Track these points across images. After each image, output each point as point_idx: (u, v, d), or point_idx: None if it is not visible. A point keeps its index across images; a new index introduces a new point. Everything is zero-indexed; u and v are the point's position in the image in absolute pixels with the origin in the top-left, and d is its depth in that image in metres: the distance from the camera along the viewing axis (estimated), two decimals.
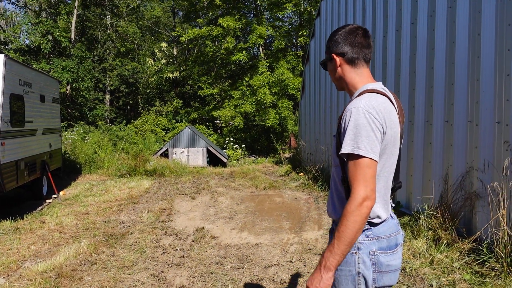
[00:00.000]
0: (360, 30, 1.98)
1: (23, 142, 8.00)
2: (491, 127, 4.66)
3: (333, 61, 2.01)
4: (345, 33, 1.98)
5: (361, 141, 1.73)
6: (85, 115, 21.83)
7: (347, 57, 1.98)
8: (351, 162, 1.75)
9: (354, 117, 1.77)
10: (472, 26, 5.03)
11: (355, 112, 1.78)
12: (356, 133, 1.75)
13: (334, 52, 2.00)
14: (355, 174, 1.73)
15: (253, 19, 22.97)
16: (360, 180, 1.71)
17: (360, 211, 1.69)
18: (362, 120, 1.76)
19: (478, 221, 4.87)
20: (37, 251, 5.56)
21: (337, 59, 1.99)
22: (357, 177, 1.72)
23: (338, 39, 1.99)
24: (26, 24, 20.59)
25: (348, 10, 9.13)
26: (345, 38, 1.98)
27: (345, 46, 1.98)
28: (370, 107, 1.79)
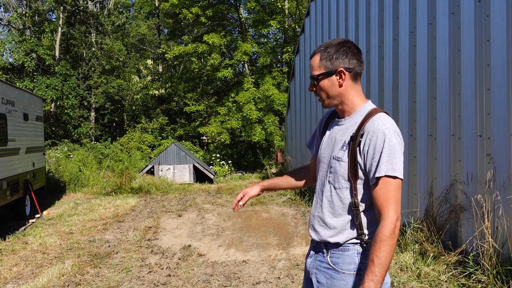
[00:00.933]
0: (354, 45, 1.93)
1: (5, 161, 7.86)
2: (474, 140, 4.74)
3: (337, 76, 1.87)
4: (350, 46, 1.89)
5: (395, 162, 1.72)
6: (70, 133, 21.61)
7: (354, 72, 1.88)
8: (381, 184, 1.72)
9: (388, 138, 1.73)
10: (452, 42, 5.14)
11: (388, 133, 1.74)
12: (390, 154, 1.72)
13: (342, 66, 1.86)
14: (388, 196, 1.71)
15: (238, 36, 23.18)
16: (393, 202, 1.71)
17: (395, 234, 1.68)
18: (394, 141, 1.74)
19: (463, 233, 4.91)
20: (19, 273, 5.43)
21: (346, 74, 1.86)
22: (390, 199, 1.71)
23: (347, 51, 1.87)
24: (9, 43, 20.47)
25: (332, 27, 9.28)
26: (353, 52, 1.88)
27: (353, 60, 1.87)
28: (395, 128, 1.79)
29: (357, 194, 1.82)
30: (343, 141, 1.87)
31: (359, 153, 1.79)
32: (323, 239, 1.91)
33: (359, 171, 1.81)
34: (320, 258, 1.94)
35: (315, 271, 1.95)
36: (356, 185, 1.82)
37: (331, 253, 1.89)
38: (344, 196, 1.85)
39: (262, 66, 21.81)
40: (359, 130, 1.80)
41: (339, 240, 1.86)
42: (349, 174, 1.82)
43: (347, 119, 1.92)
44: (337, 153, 1.88)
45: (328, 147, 1.97)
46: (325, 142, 2.02)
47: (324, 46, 1.90)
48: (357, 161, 1.80)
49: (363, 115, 1.85)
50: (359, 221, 1.83)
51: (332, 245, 1.88)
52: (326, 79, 1.88)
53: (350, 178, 1.82)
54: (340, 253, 1.87)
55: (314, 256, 1.99)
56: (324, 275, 1.90)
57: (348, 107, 1.91)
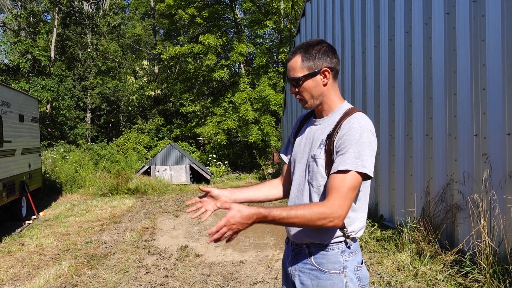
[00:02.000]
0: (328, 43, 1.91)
1: (1, 163, 7.83)
2: (470, 140, 4.76)
3: (321, 76, 1.85)
4: (328, 46, 1.87)
5: (365, 159, 1.70)
6: (66, 134, 21.56)
7: (335, 71, 1.87)
8: (341, 176, 1.68)
9: (360, 135, 1.72)
10: (448, 42, 5.17)
11: (360, 131, 1.72)
12: (361, 151, 1.70)
13: (325, 65, 1.84)
14: (343, 186, 1.67)
15: (234, 37, 23.19)
16: (345, 196, 1.67)
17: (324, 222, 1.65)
18: (365, 139, 1.72)
19: (460, 233, 4.93)
20: (15, 274, 5.41)
21: (329, 73, 1.84)
22: (343, 192, 1.67)
23: (328, 52, 1.86)
24: (4, 44, 20.39)
25: (327, 28, 9.30)
26: (332, 50, 1.87)
27: (334, 59, 1.86)
28: (372, 127, 1.78)
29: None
30: (321, 140, 1.86)
31: (333, 150, 1.78)
32: (305, 240, 1.87)
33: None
34: (303, 259, 1.90)
35: (298, 273, 1.91)
36: None
37: (314, 254, 1.86)
38: (323, 193, 1.82)
39: (258, 67, 21.83)
40: (336, 128, 1.80)
41: (323, 241, 1.83)
42: (326, 171, 1.80)
43: (325, 118, 1.91)
44: (314, 152, 1.87)
45: (306, 147, 1.95)
46: (301, 143, 1.99)
47: (304, 47, 1.87)
48: (332, 158, 1.78)
49: (340, 114, 1.85)
50: None
51: (315, 246, 1.85)
52: (310, 79, 1.85)
53: (327, 175, 1.80)
54: (324, 253, 1.84)
55: (295, 257, 1.94)
56: (309, 276, 1.87)
57: (327, 106, 1.90)
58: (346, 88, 8.17)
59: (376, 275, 4.79)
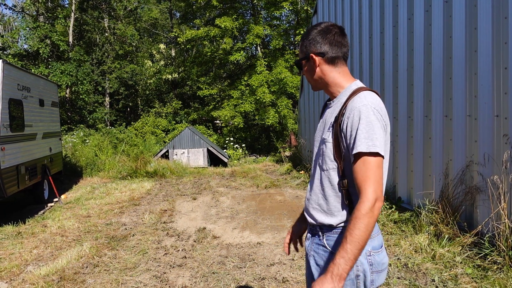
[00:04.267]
0: (336, 28, 1.91)
1: (23, 147, 8.00)
2: (490, 120, 4.66)
3: (311, 61, 1.92)
4: (322, 32, 1.90)
5: (375, 138, 1.68)
6: (85, 118, 21.86)
7: (327, 57, 1.89)
8: (360, 161, 1.68)
9: (365, 114, 1.70)
10: (469, 20, 5.02)
11: (364, 110, 1.71)
12: (369, 131, 1.68)
13: (312, 51, 1.91)
14: (366, 174, 1.66)
15: (250, 19, 22.97)
16: (372, 180, 1.65)
17: (373, 213, 1.63)
18: (372, 117, 1.70)
19: (479, 215, 4.87)
20: (39, 255, 5.57)
21: (316, 59, 1.90)
22: (368, 177, 1.66)
23: (316, 38, 1.90)
24: (24, 29, 20.64)
25: (345, 7, 9.13)
26: (324, 37, 1.90)
27: (324, 46, 1.89)
28: (376, 104, 1.75)
29: (344, 174, 1.80)
30: (330, 122, 1.87)
31: (340, 133, 1.78)
32: (318, 221, 1.90)
33: (343, 151, 1.79)
34: (317, 241, 1.93)
35: (313, 253, 1.94)
36: (342, 165, 1.80)
37: (327, 236, 1.88)
38: (332, 177, 1.84)
39: (274, 49, 21.63)
40: (342, 109, 1.79)
41: (332, 222, 1.84)
42: (335, 154, 1.81)
43: (334, 100, 1.92)
44: (324, 135, 1.89)
45: (319, 131, 1.98)
46: (319, 127, 2.02)
47: (305, 32, 1.98)
48: (339, 141, 1.78)
49: (347, 95, 1.84)
50: (349, 200, 1.81)
51: (326, 228, 1.87)
52: (306, 63, 1.96)
53: (336, 158, 1.80)
54: (334, 235, 1.85)
55: (311, 239, 1.98)
56: (322, 258, 1.89)
57: (334, 89, 1.92)
58: (364, 69, 8.05)
59: (393, 257, 4.78)
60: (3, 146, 7.02)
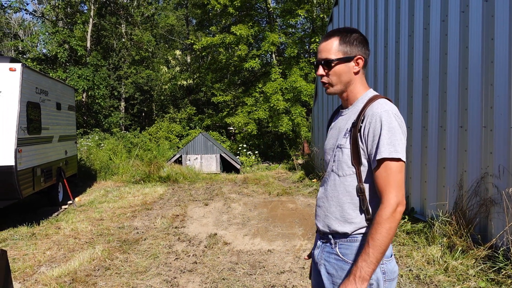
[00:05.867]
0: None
1: (39, 149, 8.13)
2: (506, 132, 4.60)
3: (351, 63, 1.87)
4: (364, 37, 1.90)
5: (397, 144, 1.71)
6: (101, 122, 22.12)
7: (365, 61, 1.90)
8: (382, 167, 1.71)
9: (387, 120, 1.73)
10: (486, 31, 4.98)
11: (386, 116, 1.74)
12: (391, 136, 1.71)
13: (360, 53, 1.87)
14: (388, 179, 1.70)
15: (266, 26, 23.07)
16: (394, 185, 1.69)
17: (394, 218, 1.66)
18: (394, 123, 1.73)
19: (493, 227, 4.79)
20: (52, 256, 5.64)
21: (362, 62, 1.88)
22: (390, 182, 1.69)
23: (362, 41, 1.89)
24: (43, 34, 21.04)
25: (361, 16, 9.13)
26: (366, 42, 1.90)
27: (367, 50, 1.90)
28: (396, 111, 1.79)
29: (362, 180, 1.80)
30: (346, 129, 1.88)
31: (360, 138, 1.79)
32: (332, 229, 1.89)
33: (362, 157, 1.80)
34: (328, 250, 1.91)
35: (323, 262, 1.93)
36: (360, 171, 1.81)
37: (340, 244, 1.87)
38: (349, 183, 1.84)
39: (289, 57, 21.67)
40: (360, 115, 1.81)
41: (347, 230, 1.83)
42: (352, 160, 1.81)
43: (350, 108, 1.93)
44: (340, 141, 1.89)
45: (333, 138, 1.98)
46: (331, 135, 2.02)
47: (342, 31, 1.88)
48: (359, 147, 1.79)
49: (364, 102, 1.86)
50: (366, 206, 1.81)
51: (340, 236, 1.86)
52: (343, 64, 1.86)
53: (354, 164, 1.81)
54: (348, 244, 1.84)
55: (321, 247, 1.97)
56: (333, 266, 1.87)
57: (353, 95, 1.92)
58: (379, 78, 8.02)
59: (405, 268, 4.73)
60: (20, 148, 7.14)
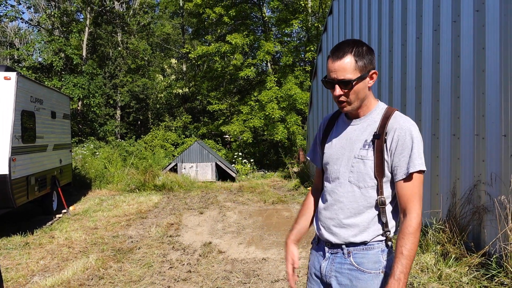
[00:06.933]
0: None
1: (34, 158, 8.11)
2: (498, 140, 4.65)
3: (368, 79, 1.84)
4: (371, 48, 1.86)
5: (422, 157, 1.78)
6: (96, 130, 22.07)
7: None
8: (411, 179, 1.77)
9: (416, 134, 1.79)
10: (477, 40, 5.05)
11: (414, 130, 1.80)
12: (419, 150, 1.78)
13: (373, 67, 1.84)
14: (415, 190, 1.76)
15: (261, 35, 23.20)
16: (418, 196, 1.76)
17: (420, 228, 1.73)
18: (420, 137, 1.81)
19: (486, 235, 4.82)
20: (46, 266, 5.61)
21: (376, 76, 1.86)
22: (416, 193, 1.76)
23: (372, 54, 1.84)
24: (39, 42, 21.05)
25: (355, 25, 9.21)
26: (373, 50, 1.87)
27: (374, 60, 1.86)
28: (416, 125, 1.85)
29: (383, 192, 1.82)
30: (364, 140, 1.85)
31: (386, 151, 1.80)
32: (345, 240, 1.86)
33: (385, 169, 1.81)
34: (340, 260, 1.88)
35: (334, 274, 1.89)
36: (382, 182, 1.82)
37: (354, 253, 1.85)
38: (370, 195, 1.83)
39: (284, 65, 21.79)
40: (383, 128, 1.82)
41: (366, 239, 1.83)
42: (375, 172, 1.81)
43: (363, 118, 1.91)
44: (358, 152, 1.85)
45: (342, 148, 1.92)
46: (336, 144, 1.95)
47: (352, 47, 1.80)
48: (383, 158, 1.80)
49: (380, 114, 1.88)
50: (386, 219, 1.84)
51: (355, 245, 1.85)
52: (361, 82, 1.81)
53: (377, 176, 1.81)
54: (364, 252, 1.84)
55: (330, 258, 1.92)
56: (347, 277, 1.85)
57: (366, 107, 1.90)
58: (372, 87, 8.06)
59: None
60: (14, 157, 7.12)
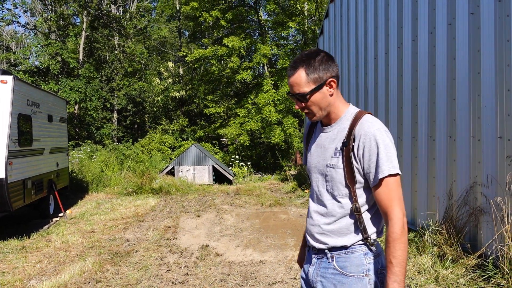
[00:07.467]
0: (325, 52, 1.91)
1: (30, 161, 8.09)
2: (494, 142, 4.67)
3: (326, 87, 1.82)
4: (328, 56, 1.84)
5: (393, 159, 1.74)
6: (93, 134, 22.03)
7: (337, 79, 1.85)
8: (384, 184, 1.73)
9: (381, 138, 1.74)
10: (472, 43, 5.08)
11: (379, 134, 1.75)
12: (387, 153, 1.73)
13: (330, 75, 1.81)
14: (391, 195, 1.73)
15: (258, 38, 23.26)
16: (396, 200, 1.73)
17: (405, 230, 1.70)
18: (387, 140, 1.76)
19: (483, 236, 4.84)
20: (42, 269, 5.59)
21: (334, 83, 1.83)
22: (394, 198, 1.73)
23: (328, 61, 1.82)
24: (35, 46, 21.03)
25: (351, 29, 9.25)
26: (332, 59, 1.84)
27: (335, 67, 1.84)
28: (384, 127, 1.80)
29: (357, 199, 1.81)
30: (334, 148, 1.85)
31: (354, 158, 1.78)
32: (329, 245, 1.87)
33: (356, 176, 1.79)
34: (325, 265, 1.89)
35: (320, 279, 1.90)
36: (355, 189, 1.80)
37: (337, 258, 1.85)
38: (345, 202, 1.83)
39: (281, 68, 21.84)
40: (350, 135, 1.80)
41: (346, 243, 1.83)
42: (346, 180, 1.81)
43: (333, 125, 1.90)
44: (330, 161, 1.86)
45: (318, 156, 1.94)
46: (314, 151, 1.98)
47: (304, 60, 1.82)
48: (353, 166, 1.79)
49: (349, 119, 1.85)
50: (363, 225, 1.82)
51: (337, 249, 1.85)
52: (317, 92, 1.81)
53: (348, 183, 1.80)
54: (346, 256, 1.84)
55: (316, 263, 1.93)
56: (331, 281, 1.85)
57: (335, 114, 1.89)
58: (369, 89, 8.11)
59: None
60: (10, 161, 7.10)
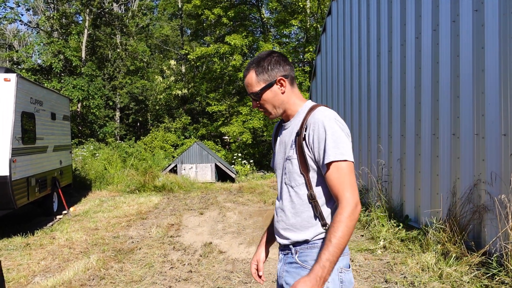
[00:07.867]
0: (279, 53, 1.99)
1: (34, 159, 8.11)
2: (498, 139, 4.66)
3: (277, 86, 1.91)
4: (279, 55, 1.94)
5: (342, 146, 1.74)
6: (95, 132, 22.07)
7: (290, 77, 1.93)
8: (333, 169, 1.73)
9: (329, 125, 1.76)
10: (476, 40, 5.07)
11: (327, 121, 1.77)
12: (336, 140, 1.74)
13: (279, 74, 1.90)
14: (341, 180, 1.71)
15: (260, 36, 23.24)
16: (348, 185, 1.71)
17: (354, 216, 1.67)
18: (336, 127, 1.77)
19: (487, 234, 4.83)
20: (47, 266, 5.61)
21: (284, 81, 1.90)
22: (344, 183, 1.71)
23: (279, 60, 1.92)
24: (38, 44, 21.04)
25: (353, 26, 9.24)
26: (283, 59, 1.93)
27: (286, 66, 1.92)
28: (336, 115, 1.83)
29: (312, 186, 1.83)
30: (291, 141, 1.90)
31: (306, 146, 1.82)
32: (292, 240, 1.89)
33: (309, 163, 1.82)
34: (290, 260, 1.91)
35: (284, 274, 1.92)
36: (309, 177, 1.83)
37: (300, 252, 1.87)
38: (302, 192, 1.86)
39: None
40: (303, 125, 1.84)
41: (307, 237, 1.84)
42: (301, 168, 1.84)
43: (291, 120, 1.95)
44: (288, 154, 1.91)
45: (281, 152, 2.00)
46: (277, 151, 2.04)
47: (255, 62, 1.93)
48: (305, 154, 1.82)
49: (305, 112, 1.90)
50: (319, 212, 1.82)
51: (300, 243, 1.87)
52: (268, 91, 1.91)
53: (302, 172, 1.84)
54: (308, 250, 1.85)
55: (283, 259, 1.96)
56: (292, 275, 1.87)
57: (291, 111, 1.95)
58: (372, 87, 8.10)
59: (399, 275, 4.75)
60: (14, 158, 7.12)
